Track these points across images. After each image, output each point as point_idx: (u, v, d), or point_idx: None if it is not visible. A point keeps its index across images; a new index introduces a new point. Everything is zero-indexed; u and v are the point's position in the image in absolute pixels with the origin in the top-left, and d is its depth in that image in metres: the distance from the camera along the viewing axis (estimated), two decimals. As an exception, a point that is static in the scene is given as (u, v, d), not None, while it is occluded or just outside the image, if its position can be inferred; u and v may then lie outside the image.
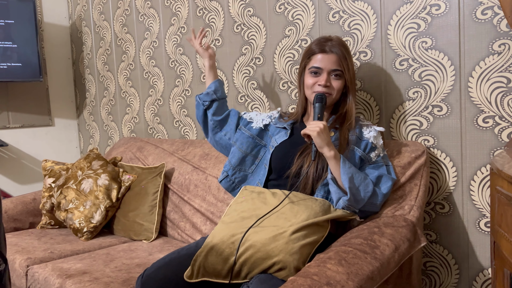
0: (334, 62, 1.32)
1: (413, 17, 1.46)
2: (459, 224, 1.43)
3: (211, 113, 1.57)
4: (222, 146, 1.58)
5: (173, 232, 1.90)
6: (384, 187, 1.29)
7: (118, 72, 2.66)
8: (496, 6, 1.29)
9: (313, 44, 1.37)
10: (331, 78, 1.34)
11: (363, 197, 1.24)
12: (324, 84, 1.32)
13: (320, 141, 1.22)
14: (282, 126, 1.45)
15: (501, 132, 1.32)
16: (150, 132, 2.52)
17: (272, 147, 1.42)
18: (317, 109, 1.29)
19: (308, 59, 1.37)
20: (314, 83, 1.35)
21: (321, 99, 1.30)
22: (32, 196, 2.19)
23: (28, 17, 2.58)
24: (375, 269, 1.02)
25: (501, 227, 0.88)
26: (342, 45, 1.34)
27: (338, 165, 1.23)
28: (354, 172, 1.23)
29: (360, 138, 1.35)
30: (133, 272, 1.45)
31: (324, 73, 1.33)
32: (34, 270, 1.57)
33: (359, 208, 1.25)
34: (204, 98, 1.57)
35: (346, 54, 1.33)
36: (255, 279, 1.07)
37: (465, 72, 1.37)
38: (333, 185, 1.24)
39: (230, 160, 1.50)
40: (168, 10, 2.29)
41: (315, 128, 1.21)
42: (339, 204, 1.23)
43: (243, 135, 1.50)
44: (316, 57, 1.34)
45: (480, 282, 1.41)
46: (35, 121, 2.86)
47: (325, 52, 1.33)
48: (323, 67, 1.33)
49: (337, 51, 1.32)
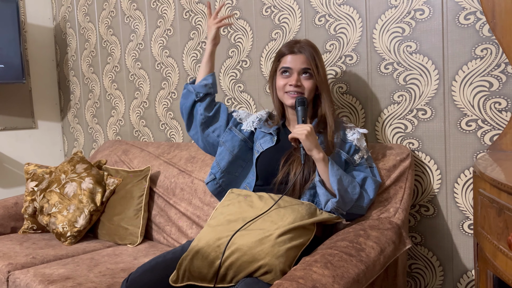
0: (303, 62, 1.34)
1: (397, 22, 1.47)
2: (443, 226, 1.45)
3: (202, 108, 1.46)
4: (209, 142, 1.50)
5: (159, 236, 1.88)
6: (370, 189, 1.31)
7: (103, 75, 2.63)
8: (478, 12, 1.32)
9: (282, 47, 1.39)
10: (301, 78, 1.35)
11: (351, 199, 1.24)
12: (295, 84, 1.33)
13: (309, 144, 1.22)
14: (268, 132, 1.44)
15: (484, 135, 1.34)
16: (135, 135, 2.50)
17: (257, 152, 1.41)
18: (300, 112, 1.29)
19: (278, 61, 1.39)
20: (285, 84, 1.35)
21: (303, 102, 1.30)
22: (14, 200, 2.15)
23: (11, 18, 2.53)
24: (360, 272, 1.02)
25: (484, 229, 0.89)
26: (311, 46, 1.36)
27: (326, 167, 1.23)
28: (342, 174, 1.23)
29: (344, 141, 1.36)
30: (118, 277, 1.43)
31: (294, 73, 1.34)
32: (15, 276, 1.53)
33: (346, 211, 1.26)
34: (199, 89, 1.46)
35: (314, 54, 1.35)
36: (241, 283, 1.07)
37: (449, 76, 1.39)
38: (321, 187, 1.24)
39: (219, 162, 1.45)
40: (154, 12, 2.27)
41: (303, 132, 1.22)
42: (327, 205, 1.23)
43: (235, 137, 1.47)
44: (286, 58, 1.36)
45: (464, 283, 1.43)
46: (18, 124, 2.80)
47: (293, 53, 1.35)
48: (292, 67, 1.34)
49: (305, 51, 1.34)
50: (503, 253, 0.80)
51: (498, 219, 0.82)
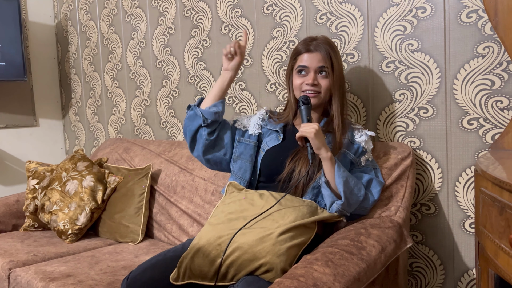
0: (319, 60, 1.31)
1: (399, 20, 1.47)
2: (445, 225, 1.44)
3: (206, 133, 1.36)
4: (215, 162, 1.43)
5: (160, 234, 1.88)
6: (375, 191, 1.30)
7: (105, 73, 2.63)
8: (480, 10, 1.31)
9: (299, 44, 1.36)
10: (318, 77, 1.32)
11: (356, 201, 1.24)
12: (312, 83, 1.31)
13: (318, 142, 1.20)
14: (274, 129, 1.41)
15: (486, 134, 1.34)
16: (136, 133, 2.50)
17: (263, 150, 1.39)
18: (305, 111, 1.28)
19: (295, 59, 1.37)
20: (301, 83, 1.33)
21: (306, 101, 1.29)
22: (15, 198, 2.15)
23: (12, 16, 2.53)
24: (361, 270, 1.02)
25: (486, 227, 0.89)
26: (328, 43, 1.34)
27: (333, 167, 1.22)
28: (348, 176, 1.22)
29: (352, 142, 1.35)
30: (119, 275, 1.43)
31: (311, 72, 1.32)
32: (16, 273, 1.53)
33: (350, 212, 1.25)
34: (208, 116, 1.35)
35: (331, 52, 1.32)
36: (241, 281, 1.07)
37: (451, 74, 1.38)
38: (327, 188, 1.23)
39: (243, 176, 1.37)
40: (156, 10, 2.27)
41: (311, 130, 1.20)
42: (332, 207, 1.22)
43: (248, 146, 1.40)
44: (302, 56, 1.34)
45: (465, 282, 1.42)
46: (19, 122, 2.81)
47: (310, 51, 1.32)
48: (309, 66, 1.32)
49: (321, 49, 1.32)
50: (505, 251, 0.80)
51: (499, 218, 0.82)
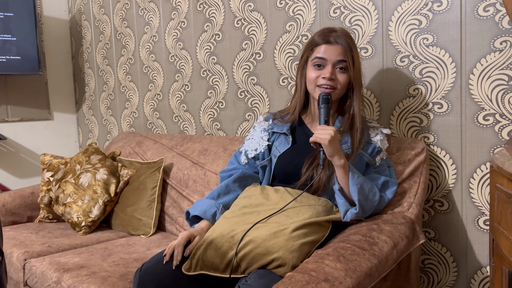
0: (339, 53, 1.22)
1: (414, 14, 1.45)
2: (458, 221, 1.43)
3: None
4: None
5: (172, 227, 1.89)
6: (389, 191, 1.27)
7: (118, 67, 2.65)
8: (498, 3, 1.28)
9: (316, 35, 1.27)
10: (336, 71, 1.24)
11: (371, 206, 1.20)
12: (329, 77, 1.22)
13: (331, 150, 1.13)
14: (282, 132, 1.34)
15: (502, 130, 1.32)
16: (149, 127, 2.51)
17: (275, 156, 1.33)
18: (324, 111, 1.19)
19: (311, 50, 1.27)
20: (317, 77, 1.24)
21: (327, 99, 1.20)
22: (30, 190, 2.18)
23: (27, 10, 2.56)
24: (373, 266, 1.01)
25: (501, 224, 0.88)
26: (348, 36, 1.25)
27: (346, 174, 1.17)
28: (362, 182, 1.18)
29: (368, 142, 1.30)
30: (131, 267, 1.45)
31: (329, 65, 1.23)
32: (31, 264, 1.56)
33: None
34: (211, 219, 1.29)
35: (352, 45, 1.24)
36: (253, 274, 1.07)
37: (466, 69, 1.36)
38: (341, 196, 1.18)
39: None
40: (168, 4, 2.28)
41: (326, 136, 1.12)
42: (347, 216, 1.17)
43: (264, 167, 1.37)
44: (320, 48, 1.24)
45: (478, 280, 1.41)
46: (34, 115, 2.85)
47: (329, 43, 1.23)
48: (327, 58, 1.23)
49: (342, 42, 1.23)
50: (520, 249, 0.78)
51: (515, 215, 0.80)
